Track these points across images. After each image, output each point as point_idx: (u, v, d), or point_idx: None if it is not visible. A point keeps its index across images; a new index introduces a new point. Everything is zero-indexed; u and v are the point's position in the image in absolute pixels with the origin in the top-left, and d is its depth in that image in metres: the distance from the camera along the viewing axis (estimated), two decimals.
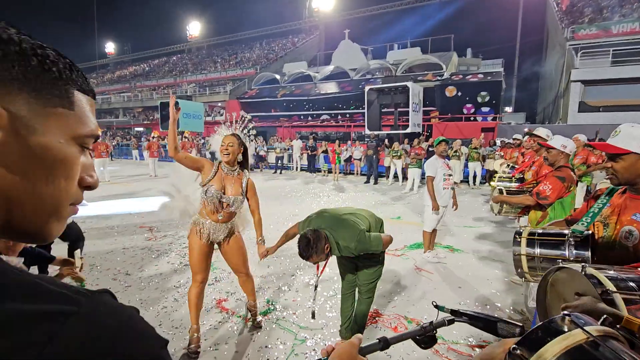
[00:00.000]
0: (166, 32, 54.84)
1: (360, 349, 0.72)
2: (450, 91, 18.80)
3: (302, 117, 24.28)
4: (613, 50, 15.65)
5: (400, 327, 2.89)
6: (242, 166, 2.57)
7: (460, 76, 20.22)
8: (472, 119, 17.77)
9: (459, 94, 18.57)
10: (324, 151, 13.92)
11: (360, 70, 24.37)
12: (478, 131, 14.64)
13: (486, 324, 0.87)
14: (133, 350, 0.34)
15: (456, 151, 10.45)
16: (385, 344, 0.79)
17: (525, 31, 26.42)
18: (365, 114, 14.96)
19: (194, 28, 45.75)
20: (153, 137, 14.29)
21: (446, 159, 4.53)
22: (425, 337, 0.87)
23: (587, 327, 0.54)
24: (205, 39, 45.60)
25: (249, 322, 2.90)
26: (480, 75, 19.40)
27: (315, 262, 2.14)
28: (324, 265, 2.30)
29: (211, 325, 2.88)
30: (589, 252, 1.31)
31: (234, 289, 3.41)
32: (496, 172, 6.54)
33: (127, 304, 0.39)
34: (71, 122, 0.41)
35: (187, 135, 14.98)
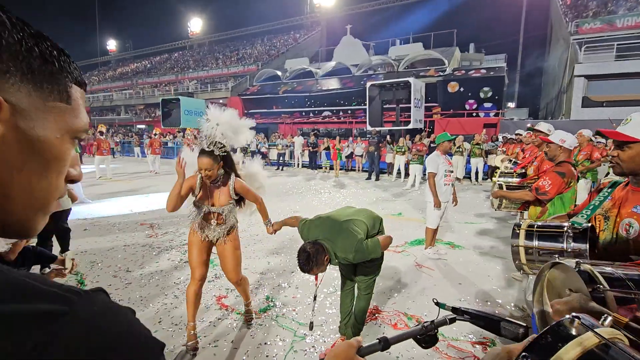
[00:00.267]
0: (167, 29, 54.80)
1: (359, 349, 0.71)
2: (453, 87, 18.67)
3: (303, 113, 24.21)
4: (617, 45, 15.47)
5: (400, 324, 2.88)
6: (227, 172, 2.48)
7: (463, 72, 20.06)
8: (474, 114, 17.65)
9: (462, 89, 18.44)
10: (326, 148, 13.90)
11: (362, 66, 24.23)
12: (480, 127, 14.56)
13: (488, 323, 0.85)
14: (133, 355, 0.33)
15: (459, 147, 10.41)
16: (385, 344, 0.78)
17: (528, 26, 26.21)
18: (366, 110, 14.89)
19: (196, 25, 45.66)
20: (155, 135, 14.29)
21: (448, 155, 4.49)
22: (426, 336, 0.85)
23: (598, 330, 0.52)
24: (206, 35, 45.52)
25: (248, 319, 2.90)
26: (483, 71, 19.24)
27: (315, 274, 2.14)
28: (322, 275, 2.29)
29: (210, 321, 2.89)
30: (587, 245, 1.29)
31: (233, 286, 3.41)
32: (498, 168, 6.51)
33: (127, 301, 0.38)
34: (67, 116, 0.40)
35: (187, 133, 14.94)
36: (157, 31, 56.39)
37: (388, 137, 12.75)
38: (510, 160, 5.67)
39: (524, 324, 0.80)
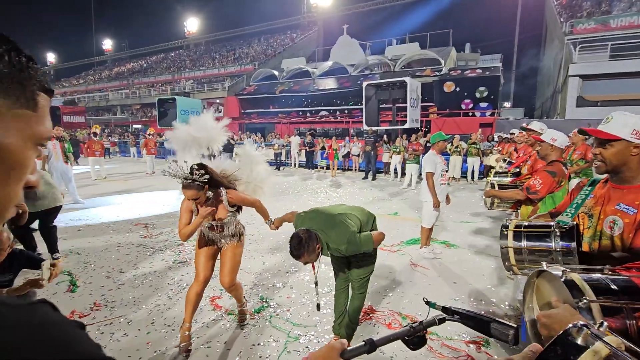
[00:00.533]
0: (164, 28, 54.50)
1: (343, 352, 0.69)
2: (449, 86, 18.72)
3: (300, 113, 24.20)
4: (611, 45, 15.58)
5: (395, 324, 2.88)
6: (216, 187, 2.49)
7: (459, 71, 20.14)
8: (470, 114, 17.71)
9: (457, 89, 18.50)
10: (321, 148, 13.92)
11: (359, 66, 24.25)
12: (476, 126, 14.61)
13: (478, 323, 0.83)
14: None
15: (457, 147, 10.44)
16: (371, 347, 0.76)
17: (523, 26, 26.24)
18: (363, 109, 14.91)
19: (192, 24, 45.42)
20: (150, 135, 14.20)
21: (442, 154, 4.49)
22: (414, 337, 0.84)
23: (606, 339, 0.52)
24: (203, 35, 45.32)
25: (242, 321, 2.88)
26: (479, 71, 19.33)
27: (305, 262, 2.13)
28: (318, 265, 2.30)
29: (204, 322, 2.87)
30: (574, 243, 1.30)
31: None
32: (493, 168, 6.53)
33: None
34: (33, 124, 0.39)
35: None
36: (154, 31, 56.19)
37: (385, 136, 12.75)
38: (505, 160, 5.69)
39: (514, 325, 0.79)
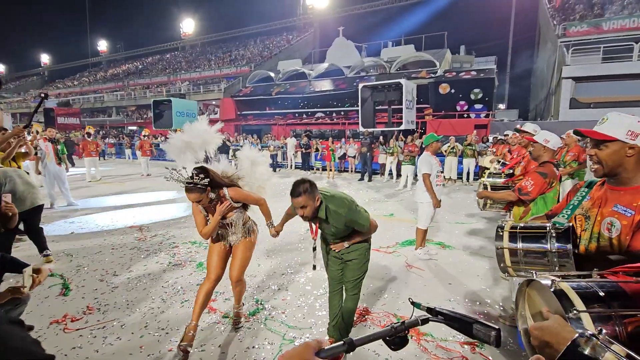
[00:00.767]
0: (159, 29, 54.34)
1: (320, 351, 0.68)
2: (444, 88, 18.81)
3: (296, 114, 24.18)
4: (604, 47, 15.77)
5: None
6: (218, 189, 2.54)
7: (454, 73, 20.24)
8: (465, 116, 17.82)
9: (452, 91, 18.60)
10: (316, 150, 13.95)
11: (355, 68, 24.31)
12: (471, 128, 14.69)
13: (461, 324, 0.83)
14: None
15: (453, 148, 10.49)
16: (350, 346, 0.74)
17: (517, 28, 26.52)
18: (359, 111, 14.94)
19: (188, 26, 45.34)
20: (144, 136, 14.12)
21: (437, 155, 4.51)
22: (396, 337, 0.83)
23: (614, 347, 0.54)
24: (199, 36, 45.24)
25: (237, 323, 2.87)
26: (474, 73, 19.44)
27: (302, 204, 2.12)
28: (316, 227, 2.37)
29: (198, 326, 2.84)
30: (570, 245, 1.29)
31: (223, 289, 3.38)
32: (487, 169, 6.57)
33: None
34: None
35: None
36: (149, 32, 55.87)
37: (381, 138, 12.78)
38: (499, 161, 5.72)
39: (497, 327, 0.79)
